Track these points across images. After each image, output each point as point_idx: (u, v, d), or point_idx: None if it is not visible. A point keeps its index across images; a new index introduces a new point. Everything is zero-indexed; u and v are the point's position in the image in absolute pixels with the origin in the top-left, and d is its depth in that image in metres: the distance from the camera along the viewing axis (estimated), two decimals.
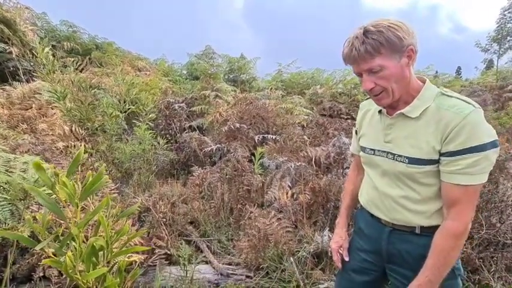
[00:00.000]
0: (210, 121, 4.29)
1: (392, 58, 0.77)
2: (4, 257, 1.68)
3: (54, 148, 2.63)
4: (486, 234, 1.81)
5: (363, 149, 1.00)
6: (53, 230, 0.86)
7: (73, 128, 3.26)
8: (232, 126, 3.77)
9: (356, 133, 1.09)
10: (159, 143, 3.68)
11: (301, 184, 2.58)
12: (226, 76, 7.64)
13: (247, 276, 1.98)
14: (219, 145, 3.67)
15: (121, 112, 3.76)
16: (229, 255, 2.24)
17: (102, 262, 0.86)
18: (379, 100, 0.85)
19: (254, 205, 2.48)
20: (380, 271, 1.02)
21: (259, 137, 3.74)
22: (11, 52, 4.52)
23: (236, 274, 1.99)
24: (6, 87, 3.83)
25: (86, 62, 5.20)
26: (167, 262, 2.06)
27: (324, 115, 5.70)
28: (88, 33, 7.01)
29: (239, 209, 2.61)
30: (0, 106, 3.24)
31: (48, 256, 0.81)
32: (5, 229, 1.44)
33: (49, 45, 4.43)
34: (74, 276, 0.78)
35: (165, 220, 2.36)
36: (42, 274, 1.68)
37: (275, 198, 2.54)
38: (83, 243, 0.83)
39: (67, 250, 0.81)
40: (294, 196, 2.56)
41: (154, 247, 2.06)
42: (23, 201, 1.58)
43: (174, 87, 6.15)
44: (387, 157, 0.90)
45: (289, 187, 2.67)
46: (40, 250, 1.62)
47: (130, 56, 6.87)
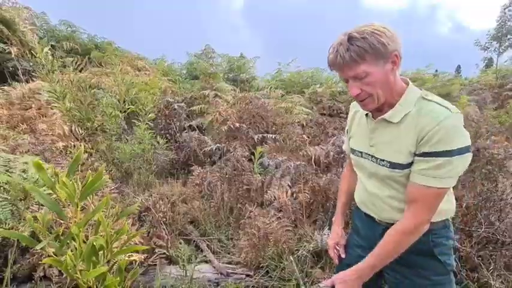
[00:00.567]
0: (210, 121, 4.29)
1: (377, 64, 0.78)
2: (5, 257, 1.69)
3: (54, 148, 2.63)
4: (485, 232, 1.81)
5: (353, 151, 1.03)
6: (53, 230, 0.86)
7: (73, 128, 3.26)
8: (231, 125, 3.78)
9: (347, 132, 1.11)
10: (159, 143, 3.68)
11: (300, 183, 2.58)
12: (225, 75, 7.63)
13: (247, 275, 1.99)
14: (219, 145, 3.67)
15: (121, 112, 3.76)
16: (229, 254, 2.25)
17: (102, 261, 0.86)
18: (365, 105, 0.87)
19: (254, 204, 2.49)
20: None
21: (258, 137, 3.75)
22: (10, 52, 4.51)
23: (236, 273, 1.99)
24: (5, 87, 3.83)
25: (85, 62, 5.20)
26: (167, 261, 2.07)
27: (324, 114, 5.70)
28: (87, 33, 7.00)
29: (239, 208, 2.62)
30: (0, 107, 3.24)
31: (48, 255, 0.82)
32: (6, 229, 1.44)
33: (48, 45, 4.43)
34: (74, 275, 0.79)
35: (165, 219, 2.37)
36: (42, 274, 1.69)
37: (275, 197, 2.54)
38: (83, 242, 0.83)
39: (67, 249, 0.82)
40: (294, 195, 2.57)
41: (154, 246, 2.06)
42: (23, 201, 1.58)
43: (174, 86, 6.14)
44: (371, 160, 0.93)
45: (288, 186, 2.68)
46: (40, 250, 1.62)
47: (129, 56, 6.85)
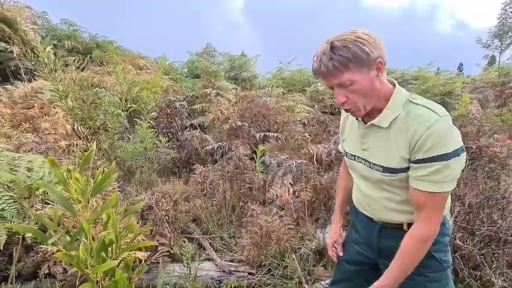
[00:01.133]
0: (211, 119, 4.30)
1: (361, 72, 0.78)
2: (9, 255, 1.70)
3: (57, 147, 2.64)
4: (488, 230, 1.81)
5: (346, 154, 1.04)
6: (62, 226, 0.87)
7: (75, 127, 3.28)
8: (233, 124, 3.78)
9: (341, 134, 1.11)
10: (161, 141, 3.69)
11: (302, 182, 2.59)
12: (227, 74, 7.63)
13: (249, 273, 1.99)
14: (221, 143, 3.68)
15: (122, 111, 3.77)
16: (231, 252, 2.26)
17: (110, 258, 0.88)
18: (352, 113, 0.87)
19: (256, 203, 2.49)
20: (372, 264, 1.06)
21: (260, 135, 3.75)
22: (12, 51, 4.52)
23: (238, 271, 2.00)
24: (8, 86, 3.85)
25: (87, 61, 5.20)
26: (170, 259, 2.08)
27: (325, 112, 5.70)
28: (88, 32, 7.00)
29: (241, 207, 2.62)
30: (2, 105, 3.26)
31: (56, 251, 0.83)
32: (11, 227, 1.46)
33: (50, 44, 4.43)
34: (85, 270, 0.80)
35: (168, 218, 2.38)
36: (47, 271, 1.71)
37: (277, 195, 2.55)
38: (92, 239, 0.85)
39: (76, 245, 0.83)
40: (296, 194, 2.57)
41: (157, 244, 2.07)
42: (28, 199, 1.59)
43: (175, 85, 6.14)
44: (365, 164, 0.94)
45: (290, 185, 2.68)
46: (45, 248, 1.64)
47: (131, 55, 6.85)
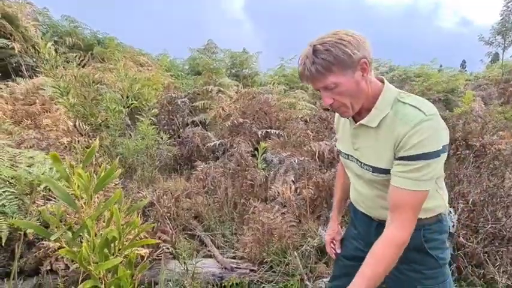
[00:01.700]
0: (213, 116, 4.28)
1: (345, 74, 0.77)
2: (11, 251, 1.71)
3: (58, 143, 2.64)
4: (491, 228, 1.80)
5: (340, 152, 1.04)
6: (65, 223, 0.87)
7: (77, 124, 3.27)
8: (235, 121, 3.77)
9: (336, 132, 1.12)
10: (162, 138, 3.68)
11: (304, 179, 2.58)
12: (228, 71, 7.59)
13: (251, 270, 1.99)
14: (222, 140, 3.66)
15: (124, 107, 3.76)
16: (233, 249, 2.25)
17: (112, 254, 0.87)
18: (341, 114, 0.87)
19: (258, 200, 2.49)
20: None
21: (262, 132, 3.73)
22: (14, 48, 4.51)
23: (240, 268, 2.00)
24: (9, 83, 3.84)
25: (88, 58, 5.19)
26: (172, 256, 2.08)
27: (327, 110, 5.67)
28: (90, 28, 6.98)
29: (243, 204, 2.62)
30: (4, 102, 3.25)
31: (58, 248, 0.82)
32: (12, 223, 1.46)
33: (51, 40, 4.42)
34: (88, 267, 0.80)
35: (169, 215, 2.38)
36: (49, 267, 1.71)
37: (279, 193, 2.54)
38: (95, 235, 0.84)
39: (79, 241, 0.83)
40: (298, 191, 2.56)
41: (159, 241, 2.07)
42: (29, 195, 1.59)
43: (176, 82, 6.12)
44: (357, 163, 0.94)
45: (292, 182, 2.67)
46: (47, 244, 1.63)
47: (132, 51, 6.82)
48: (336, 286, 1.18)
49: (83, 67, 4.70)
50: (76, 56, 4.60)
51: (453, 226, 1.04)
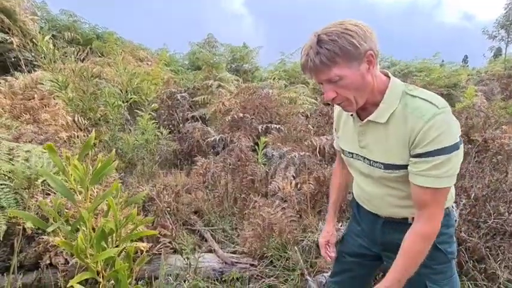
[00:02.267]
0: (213, 111, 4.26)
1: (350, 66, 0.73)
2: (11, 245, 1.70)
3: (57, 138, 2.62)
4: (494, 223, 1.78)
5: (343, 151, 0.99)
6: (62, 215, 0.86)
7: (75, 118, 3.25)
8: (235, 116, 3.74)
9: (335, 131, 1.06)
10: (162, 133, 3.67)
11: (305, 174, 2.56)
12: (228, 66, 7.54)
13: (251, 264, 1.99)
14: (222, 135, 3.65)
15: (123, 102, 3.74)
16: (233, 244, 2.25)
17: (110, 247, 0.86)
18: (344, 108, 0.84)
19: (258, 195, 2.47)
20: (374, 256, 1.04)
21: (262, 127, 3.71)
22: (12, 42, 4.47)
23: (240, 263, 2.00)
24: (8, 77, 3.81)
25: (87, 52, 5.15)
26: (172, 250, 2.08)
27: (328, 104, 5.63)
28: (88, 22, 6.91)
29: (243, 199, 2.61)
30: (2, 96, 3.23)
31: (54, 245, 0.81)
32: (9, 217, 1.45)
33: (49, 34, 4.37)
34: (85, 260, 0.79)
35: (170, 210, 2.37)
36: (48, 262, 1.70)
37: (279, 187, 2.53)
38: (92, 228, 0.83)
39: (76, 234, 0.82)
40: (298, 186, 2.55)
41: (156, 232, 2.06)
42: (28, 190, 1.58)
43: (176, 77, 6.08)
44: (364, 162, 0.90)
45: (293, 177, 2.66)
46: (46, 238, 1.63)
47: (131, 46, 6.77)
48: (337, 282, 1.16)
49: (82, 61, 4.66)
50: (74, 51, 4.56)
51: (455, 221, 1.03)
